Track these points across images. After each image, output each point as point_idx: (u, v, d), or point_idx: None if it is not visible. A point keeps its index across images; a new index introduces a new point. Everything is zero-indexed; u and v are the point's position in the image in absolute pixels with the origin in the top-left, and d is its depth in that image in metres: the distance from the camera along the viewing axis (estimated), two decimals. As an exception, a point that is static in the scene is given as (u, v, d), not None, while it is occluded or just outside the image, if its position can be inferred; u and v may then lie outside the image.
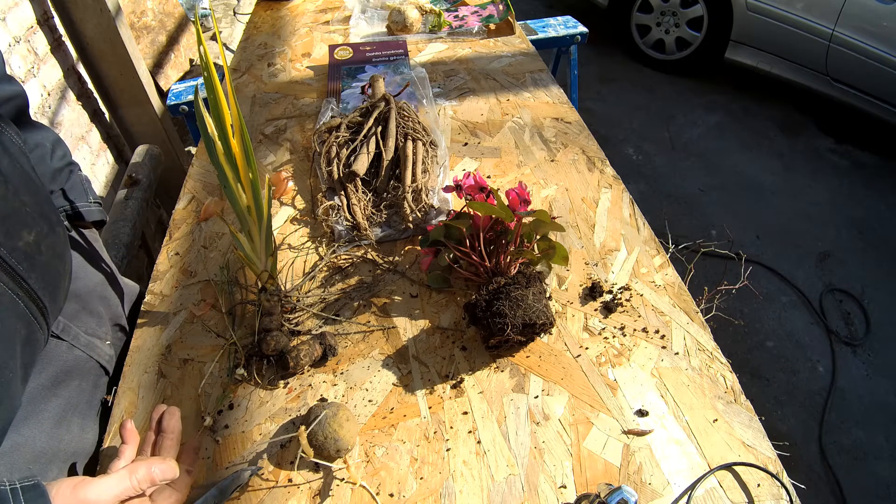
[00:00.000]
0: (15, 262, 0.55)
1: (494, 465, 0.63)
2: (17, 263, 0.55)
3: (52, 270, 0.61)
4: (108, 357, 0.76)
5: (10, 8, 1.61)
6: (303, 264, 0.89)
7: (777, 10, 2.87)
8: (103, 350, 0.75)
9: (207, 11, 3.14)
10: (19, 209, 0.57)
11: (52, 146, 0.78)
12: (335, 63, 1.41)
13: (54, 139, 0.79)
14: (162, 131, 2.22)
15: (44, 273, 0.59)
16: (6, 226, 0.54)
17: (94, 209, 0.81)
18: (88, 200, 0.81)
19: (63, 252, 0.65)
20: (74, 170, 0.82)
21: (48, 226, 0.62)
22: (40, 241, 0.59)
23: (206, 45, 0.58)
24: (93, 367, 0.73)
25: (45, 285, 0.59)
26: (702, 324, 0.77)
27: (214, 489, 0.60)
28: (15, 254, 0.55)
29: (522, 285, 0.71)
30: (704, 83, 3.40)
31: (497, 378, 0.71)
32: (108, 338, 0.77)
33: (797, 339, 2.03)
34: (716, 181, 2.71)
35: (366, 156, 1.00)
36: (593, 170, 1.05)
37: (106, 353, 0.75)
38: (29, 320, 0.56)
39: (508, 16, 1.56)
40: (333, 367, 0.74)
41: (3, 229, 0.54)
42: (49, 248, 0.61)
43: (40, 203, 0.62)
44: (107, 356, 0.76)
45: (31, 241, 0.57)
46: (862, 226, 2.47)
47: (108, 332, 0.78)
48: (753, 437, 0.64)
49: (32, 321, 0.57)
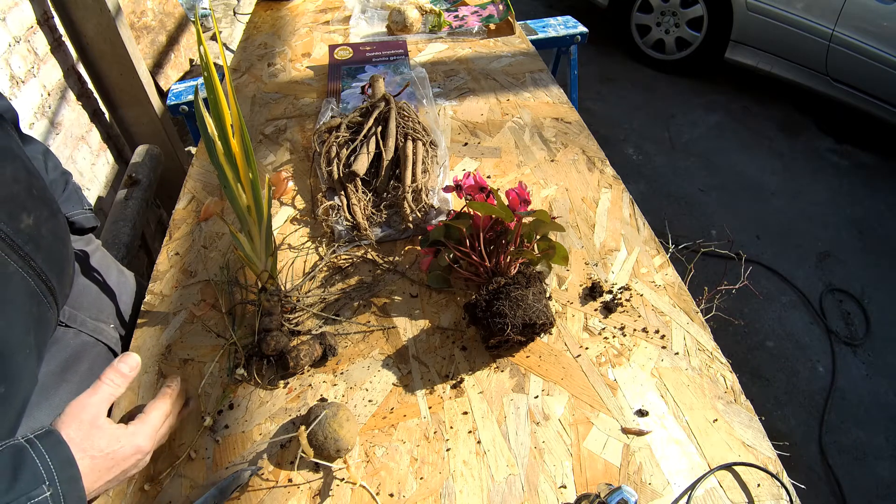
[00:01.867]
0: (21, 242, 0.57)
1: (494, 465, 0.63)
2: (24, 244, 0.57)
3: (56, 253, 0.63)
4: (115, 339, 0.78)
5: (10, 8, 1.60)
6: (303, 264, 0.89)
7: (777, 10, 2.87)
8: (110, 333, 0.77)
9: (207, 11, 3.14)
10: (18, 193, 0.59)
11: (44, 157, 0.81)
12: (335, 63, 1.41)
13: (44, 150, 0.82)
14: (162, 131, 2.22)
15: (49, 255, 0.61)
16: (7, 208, 0.56)
17: (89, 216, 0.84)
18: (83, 208, 0.84)
19: (64, 237, 0.67)
20: (69, 179, 0.84)
21: (48, 211, 0.64)
22: (40, 225, 0.61)
23: (206, 45, 0.58)
24: (101, 350, 0.75)
25: (52, 266, 0.61)
26: (702, 324, 0.77)
27: (214, 489, 0.60)
28: (20, 235, 0.57)
29: (522, 285, 0.71)
30: (704, 83, 3.40)
31: (497, 378, 0.71)
32: (113, 322, 0.80)
33: (797, 339, 2.03)
34: (716, 181, 2.71)
35: (366, 156, 1.00)
36: (593, 170, 1.05)
37: (113, 336, 0.78)
38: (40, 299, 0.59)
39: (508, 16, 1.56)
40: (333, 367, 0.74)
41: (6, 211, 0.56)
42: (50, 231, 0.63)
43: (39, 189, 0.64)
44: (114, 339, 0.78)
45: (32, 223, 0.59)
46: (862, 226, 2.47)
47: (111, 317, 0.80)
48: (753, 437, 0.64)
49: (43, 300, 0.60)
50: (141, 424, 0.57)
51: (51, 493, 0.46)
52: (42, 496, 0.45)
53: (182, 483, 0.63)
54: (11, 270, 0.55)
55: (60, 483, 0.47)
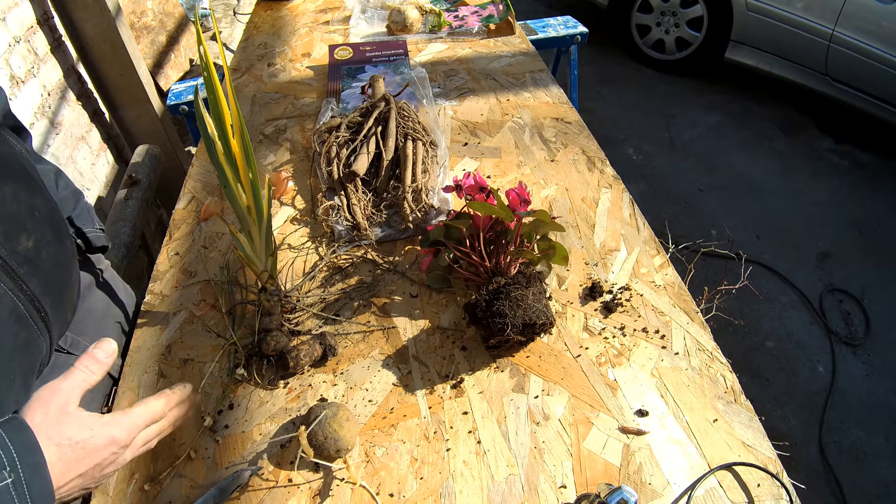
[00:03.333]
0: (15, 264, 0.55)
1: (494, 465, 0.63)
2: (18, 266, 0.55)
3: (56, 279, 0.62)
4: (117, 366, 0.77)
5: (10, 8, 1.61)
6: (303, 264, 0.89)
7: (777, 10, 2.87)
8: None
9: (207, 11, 3.14)
10: (17, 213, 0.57)
11: (56, 176, 0.80)
12: (335, 63, 1.41)
13: (56, 170, 0.81)
14: (162, 131, 2.22)
15: (47, 280, 0.59)
16: (4, 227, 0.54)
17: (100, 235, 0.83)
18: (95, 227, 0.82)
19: (69, 264, 0.66)
20: (80, 198, 0.83)
21: (53, 235, 0.62)
22: (41, 248, 0.59)
23: (206, 45, 0.58)
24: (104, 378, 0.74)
25: (48, 292, 0.59)
26: (702, 324, 0.77)
27: (214, 489, 0.60)
28: (15, 256, 0.55)
29: (522, 285, 0.71)
30: (704, 83, 3.40)
31: (497, 378, 0.71)
32: None
33: (797, 339, 2.03)
34: (716, 181, 2.71)
35: (366, 156, 1.00)
36: (593, 170, 1.05)
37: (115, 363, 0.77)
38: (27, 324, 0.56)
39: (508, 16, 1.56)
40: (333, 367, 0.74)
41: (1, 231, 0.54)
42: (51, 256, 0.61)
43: (44, 211, 0.62)
44: (116, 365, 0.76)
45: (31, 246, 0.57)
46: (862, 226, 2.47)
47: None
48: (753, 437, 0.64)
49: (31, 325, 0.57)
50: (120, 415, 0.53)
51: (12, 479, 0.43)
52: (2, 483, 0.42)
53: (182, 483, 0.63)
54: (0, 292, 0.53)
55: (23, 469, 0.44)
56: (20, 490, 0.43)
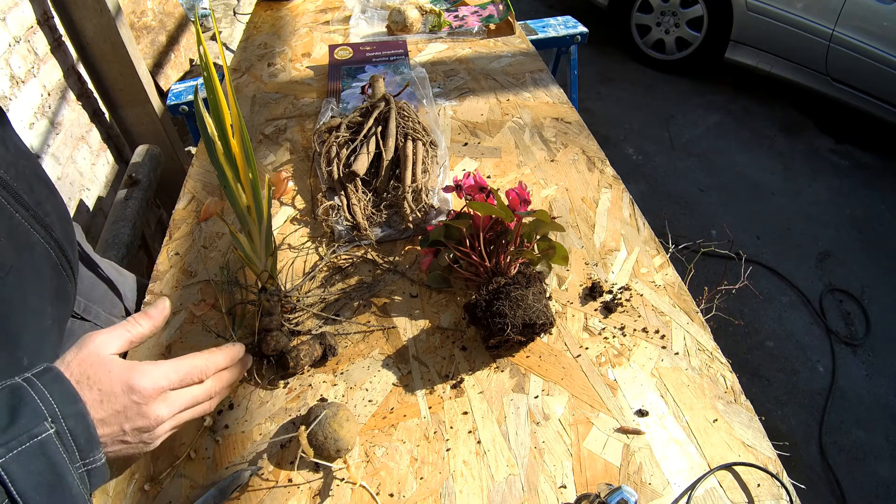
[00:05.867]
0: (42, 213, 0.57)
1: (494, 465, 0.63)
2: (45, 215, 0.57)
3: (64, 228, 0.64)
4: None
5: (10, 8, 1.61)
6: (303, 264, 0.89)
7: (777, 10, 2.87)
8: None
9: (207, 11, 3.14)
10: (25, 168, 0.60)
11: None
12: (335, 63, 1.41)
13: None
14: (162, 131, 2.22)
15: (61, 230, 0.62)
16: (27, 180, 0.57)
17: None
18: None
19: (68, 217, 0.68)
20: None
21: (48, 189, 0.65)
22: (43, 202, 0.61)
23: (206, 45, 0.58)
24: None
25: (66, 240, 0.62)
26: (702, 324, 0.77)
27: (214, 489, 0.60)
28: (40, 207, 0.57)
29: (522, 285, 0.71)
30: (704, 83, 3.40)
31: (497, 378, 0.71)
32: (123, 317, 0.81)
33: (797, 339, 2.03)
34: (716, 181, 2.71)
35: (366, 156, 1.00)
36: (593, 170, 1.05)
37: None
38: (59, 271, 0.59)
39: (508, 16, 1.56)
40: (333, 367, 0.74)
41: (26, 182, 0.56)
42: (55, 208, 0.63)
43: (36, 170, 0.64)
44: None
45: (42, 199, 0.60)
46: (862, 226, 2.47)
47: (122, 313, 0.82)
48: (753, 437, 0.64)
49: (62, 273, 0.59)
50: (149, 364, 0.50)
51: (55, 429, 0.43)
52: (46, 433, 0.42)
53: (182, 483, 0.63)
54: (34, 240, 0.54)
55: (65, 418, 0.43)
56: (66, 440, 0.43)
